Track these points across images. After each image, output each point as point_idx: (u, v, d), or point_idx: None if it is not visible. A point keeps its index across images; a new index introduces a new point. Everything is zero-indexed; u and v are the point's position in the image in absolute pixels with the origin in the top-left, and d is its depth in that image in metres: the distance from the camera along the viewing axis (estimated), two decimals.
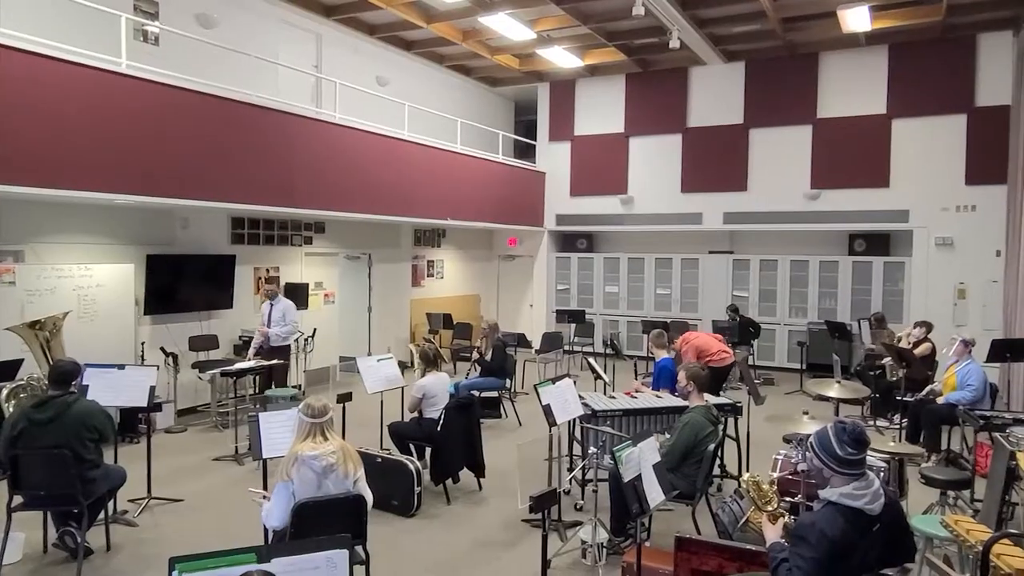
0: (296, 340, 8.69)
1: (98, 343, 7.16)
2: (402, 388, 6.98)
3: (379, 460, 5.61)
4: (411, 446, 6.14)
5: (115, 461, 5.32)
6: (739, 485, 5.62)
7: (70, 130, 6.08)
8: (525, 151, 14.48)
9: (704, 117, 12.54)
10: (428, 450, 6.05)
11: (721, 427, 5.18)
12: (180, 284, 8.19)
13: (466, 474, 6.17)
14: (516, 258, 14.61)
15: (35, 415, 4.41)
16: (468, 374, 8.76)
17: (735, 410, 5.89)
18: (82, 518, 4.48)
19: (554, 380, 5.43)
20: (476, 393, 7.51)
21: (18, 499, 4.44)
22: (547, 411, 5.16)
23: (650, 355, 7.01)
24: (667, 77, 12.78)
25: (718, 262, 12.72)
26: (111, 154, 6.40)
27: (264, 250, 9.65)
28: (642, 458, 3.56)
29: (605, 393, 6.53)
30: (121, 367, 5.55)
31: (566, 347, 11.31)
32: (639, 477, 3.51)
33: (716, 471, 5.67)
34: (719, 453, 5.37)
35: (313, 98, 10.38)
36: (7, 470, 4.42)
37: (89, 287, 7.31)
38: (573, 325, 12.23)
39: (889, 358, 7.85)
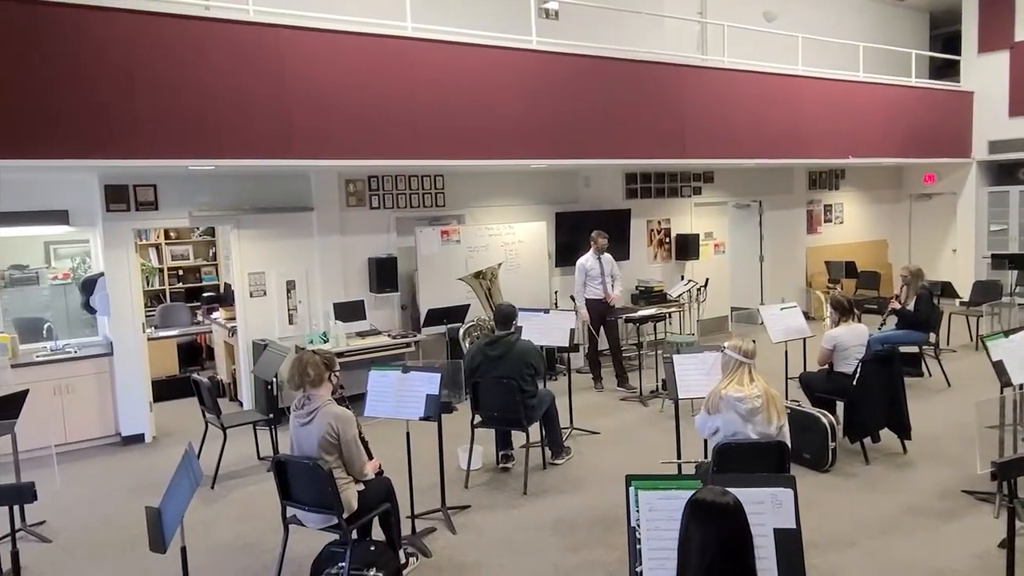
0: (690, 290, 8.82)
1: (521, 291, 8.17)
2: (804, 339, 6.68)
3: (788, 411, 5.40)
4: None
5: None
6: None
7: (496, 107, 6.96)
8: (943, 70, 12.31)
9: None
10: (840, 405, 5.65)
11: None
12: (583, 238, 8.88)
13: (886, 435, 5.62)
14: (933, 196, 12.62)
15: (488, 351, 5.25)
16: (881, 326, 7.89)
17: None
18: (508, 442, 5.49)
19: (1007, 333, 4.60)
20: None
21: (478, 418, 5.34)
22: (999, 368, 4.41)
23: None
24: None
25: None
26: (526, 124, 7.16)
27: (655, 203, 9.95)
28: None
29: None
30: (546, 311, 6.29)
31: (1006, 297, 9.47)
32: None
33: None
34: None
35: (698, 46, 10.23)
36: (469, 394, 5.37)
37: (513, 243, 8.40)
38: (1015, 272, 10.16)
39: None
